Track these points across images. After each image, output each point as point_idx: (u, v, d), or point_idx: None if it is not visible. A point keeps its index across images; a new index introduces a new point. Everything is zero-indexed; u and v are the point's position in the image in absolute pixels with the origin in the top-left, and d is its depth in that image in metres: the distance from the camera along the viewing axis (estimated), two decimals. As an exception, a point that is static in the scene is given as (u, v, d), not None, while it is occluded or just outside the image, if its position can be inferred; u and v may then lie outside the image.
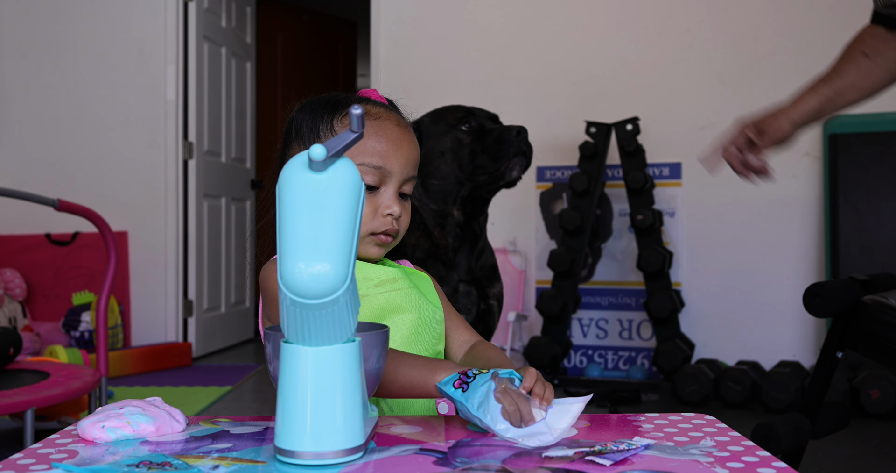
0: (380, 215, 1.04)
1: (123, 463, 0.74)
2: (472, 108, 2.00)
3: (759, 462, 0.74)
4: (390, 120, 1.06)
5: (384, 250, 1.07)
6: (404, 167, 1.06)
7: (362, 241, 1.05)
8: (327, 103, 1.09)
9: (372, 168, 1.03)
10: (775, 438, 1.77)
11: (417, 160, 1.09)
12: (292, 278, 0.69)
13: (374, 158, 1.03)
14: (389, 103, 1.13)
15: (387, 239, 1.06)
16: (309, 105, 1.10)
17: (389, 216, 1.04)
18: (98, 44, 4.42)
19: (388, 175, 1.04)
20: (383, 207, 1.04)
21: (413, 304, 1.05)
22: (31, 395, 2.09)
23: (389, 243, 1.07)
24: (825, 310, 1.78)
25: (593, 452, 0.76)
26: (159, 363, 4.07)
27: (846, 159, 3.52)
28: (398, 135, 1.06)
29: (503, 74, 4.06)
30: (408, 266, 1.16)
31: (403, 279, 1.07)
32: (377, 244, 1.06)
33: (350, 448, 0.74)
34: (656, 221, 3.53)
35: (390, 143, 1.04)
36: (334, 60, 6.35)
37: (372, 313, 1.02)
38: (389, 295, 1.04)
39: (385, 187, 1.05)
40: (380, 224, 1.04)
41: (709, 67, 3.82)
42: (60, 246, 4.32)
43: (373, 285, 1.04)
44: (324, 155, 0.70)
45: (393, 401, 1.03)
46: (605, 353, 3.84)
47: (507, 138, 1.89)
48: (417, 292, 1.07)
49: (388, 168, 1.04)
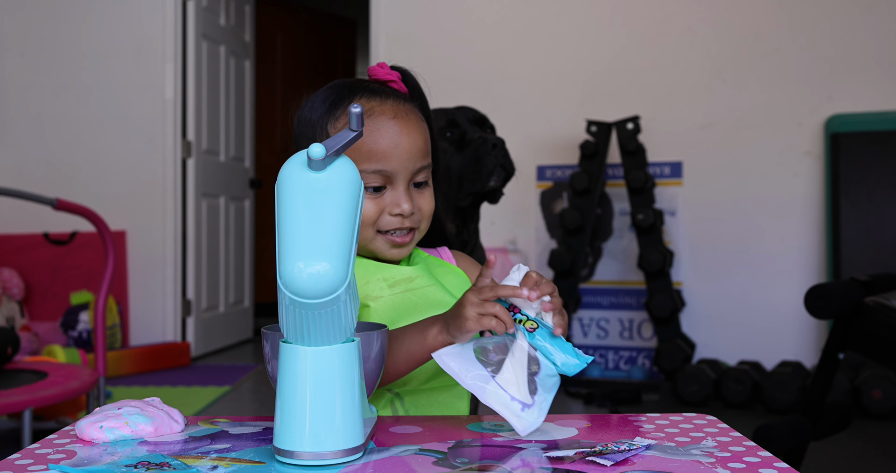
0: (387, 214, 1.01)
1: (122, 464, 0.73)
2: (456, 110, 1.93)
3: (760, 462, 0.74)
4: (385, 114, 1.01)
5: (403, 250, 1.04)
6: (408, 163, 1.01)
7: (374, 242, 1.03)
8: (324, 101, 1.06)
9: (372, 173, 1.00)
10: (777, 439, 1.76)
11: (425, 146, 1.04)
12: (291, 277, 0.69)
13: (371, 162, 1.00)
14: (402, 74, 1.08)
15: (403, 239, 1.03)
16: (309, 102, 1.08)
17: (399, 216, 1.01)
18: (96, 42, 4.41)
19: (392, 176, 1.01)
20: (391, 206, 1.01)
21: (430, 303, 1.01)
22: (28, 395, 2.09)
23: (408, 243, 1.04)
24: (826, 311, 1.78)
25: (594, 452, 0.76)
26: (158, 362, 4.06)
27: (848, 159, 3.52)
28: (396, 130, 1.01)
29: (503, 72, 4.05)
30: (441, 255, 1.13)
31: (422, 278, 1.03)
32: (393, 246, 1.03)
33: (349, 448, 0.73)
34: (657, 220, 3.53)
35: (388, 141, 1.00)
36: (333, 59, 6.35)
37: (387, 314, 1.00)
38: (405, 295, 1.01)
39: (392, 186, 1.02)
40: (387, 223, 1.01)
41: (710, 65, 3.81)
42: (58, 245, 4.32)
43: (387, 285, 1.02)
44: (323, 154, 0.69)
45: (410, 403, 1.02)
46: (606, 353, 3.84)
47: (483, 154, 1.85)
48: (438, 289, 1.04)
49: (390, 169, 1.00)
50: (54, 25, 4.43)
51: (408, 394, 1.02)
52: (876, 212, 3.49)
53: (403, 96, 1.06)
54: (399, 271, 1.04)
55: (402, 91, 1.07)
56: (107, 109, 4.41)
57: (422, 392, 1.02)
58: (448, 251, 1.16)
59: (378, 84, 1.07)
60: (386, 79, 1.07)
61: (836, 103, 3.64)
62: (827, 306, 1.77)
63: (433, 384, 1.02)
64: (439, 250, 1.16)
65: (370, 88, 1.05)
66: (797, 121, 3.70)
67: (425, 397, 1.02)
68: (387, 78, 1.07)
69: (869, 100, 3.60)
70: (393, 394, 1.01)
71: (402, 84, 1.08)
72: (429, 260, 1.11)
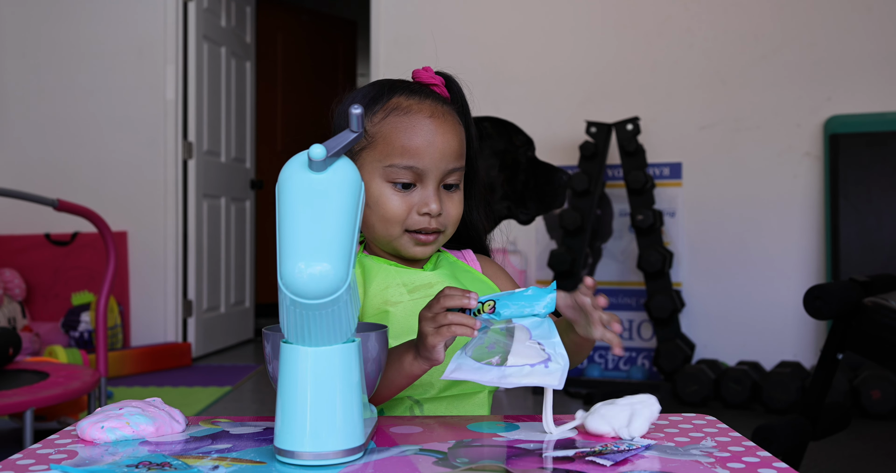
0: (415, 212, 1.01)
1: (123, 464, 0.74)
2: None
3: (759, 462, 0.74)
4: (422, 112, 1.02)
5: (427, 249, 1.03)
6: (440, 162, 1.01)
7: (400, 239, 1.02)
8: (364, 96, 1.06)
9: (403, 169, 1.00)
10: (776, 439, 1.77)
11: (460, 148, 1.04)
12: (292, 278, 0.69)
13: (404, 157, 1.00)
14: (446, 79, 1.08)
15: (427, 238, 1.02)
16: (350, 97, 1.08)
17: (426, 215, 1.01)
18: (98, 44, 4.41)
19: (423, 173, 1.01)
20: (419, 205, 1.01)
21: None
22: (30, 395, 2.09)
23: (433, 242, 1.03)
24: (825, 312, 1.78)
25: (594, 452, 0.76)
26: (159, 363, 4.06)
27: (847, 159, 3.52)
28: (431, 129, 1.01)
29: (503, 73, 4.06)
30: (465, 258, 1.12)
31: (441, 283, 1.02)
32: (417, 244, 1.02)
33: (350, 448, 0.74)
34: (656, 221, 3.53)
35: (422, 139, 1.00)
36: (334, 60, 6.35)
37: (406, 320, 0.99)
38: (424, 301, 0.99)
39: (422, 184, 1.01)
40: (414, 222, 1.01)
41: (709, 66, 3.82)
42: (60, 246, 4.32)
43: (407, 291, 1.01)
44: (323, 155, 0.70)
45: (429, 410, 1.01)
46: (606, 353, 3.84)
47: (559, 185, 1.89)
48: None
49: (421, 167, 1.00)
50: (55, 27, 4.43)
51: (427, 402, 1.01)
52: (875, 213, 3.49)
53: (443, 99, 1.06)
54: (419, 276, 1.03)
55: (444, 95, 1.07)
56: (108, 110, 4.41)
57: (442, 400, 1.02)
58: (472, 254, 1.15)
59: (419, 85, 1.07)
60: (429, 82, 1.07)
61: (836, 104, 3.64)
62: (826, 306, 1.77)
63: (454, 391, 1.01)
64: (463, 253, 1.15)
65: (410, 88, 1.05)
66: (796, 122, 3.71)
67: (445, 404, 1.02)
68: (430, 81, 1.07)
69: (868, 101, 3.60)
70: (413, 401, 1.01)
71: (444, 89, 1.08)
72: (456, 265, 1.10)
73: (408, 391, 0.99)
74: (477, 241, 1.15)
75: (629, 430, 0.81)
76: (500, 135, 1.95)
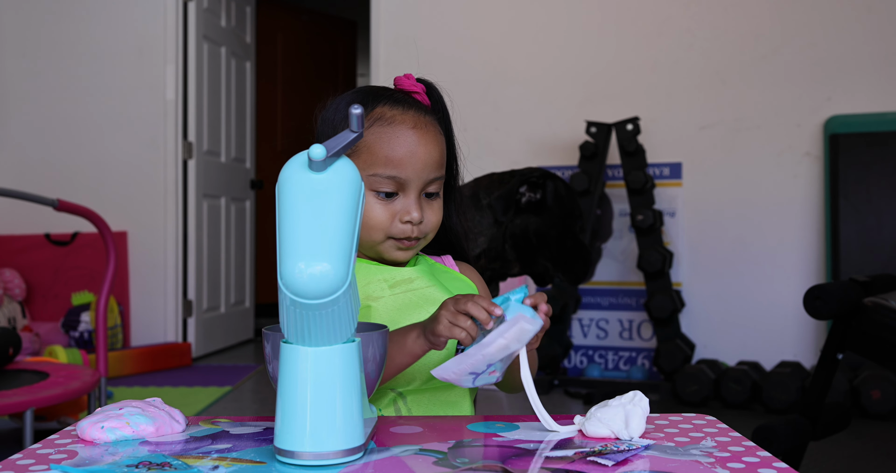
0: (398, 220, 1.04)
1: (123, 464, 0.74)
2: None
3: (759, 462, 0.74)
4: (405, 123, 1.04)
5: (410, 253, 1.07)
6: (422, 172, 1.04)
7: (384, 245, 1.05)
8: (348, 104, 1.08)
9: (386, 178, 1.02)
10: (776, 439, 1.77)
11: (441, 158, 1.07)
12: (292, 278, 0.69)
13: (387, 167, 1.02)
14: (427, 87, 1.10)
15: (409, 243, 1.05)
16: (334, 104, 1.10)
17: (408, 223, 1.04)
18: (97, 44, 4.41)
19: (405, 183, 1.03)
20: (402, 213, 1.04)
21: (430, 302, 1.04)
22: (30, 395, 2.09)
23: (414, 246, 1.06)
24: (825, 312, 1.78)
25: (594, 452, 0.76)
26: (159, 363, 4.06)
27: (847, 159, 3.52)
28: (414, 140, 1.03)
29: (503, 73, 4.06)
30: (444, 263, 1.15)
31: (421, 278, 1.06)
32: (399, 249, 1.06)
33: (350, 448, 0.74)
34: (657, 221, 3.53)
35: (404, 149, 1.03)
36: (334, 60, 6.35)
37: (388, 314, 1.02)
38: (405, 296, 1.04)
39: (403, 193, 1.04)
40: (398, 231, 1.04)
41: (709, 66, 3.81)
42: (60, 246, 4.32)
43: (388, 286, 1.04)
44: (323, 155, 0.70)
45: (413, 402, 1.03)
46: (606, 353, 3.84)
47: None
48: (438, 289, 1.06)
49: (404, 177, 1.03)
50: (56, 27, 4.44)
51: (411, 394, 1.03)
52: (875, 213, 3.49)
53: (425, 108, 1.08)
54: (399, 272, 1.06)
55: (425, 103, 1.09)
56: (108, 110, 4.41)
57: (424, 392, 1.04)
58: (451, 260, 1.18)
59: (402, 94, 1.09)
60: (410, 90, 1.09)
61: (835, 104, 3.64)
62: (826, 306, 1.77)
63: (436, 383, 1.03)
64: (443, 258, 1.18)
65: (394, 97, 1.07)
66: (796, 122, 3.71)
67: (428, 396, 1.04)
68: (411, 89, 1.09)
69: (868, 101, 3.60)
70: (396, 394, 1.03)
71: (425, 96, 1.10)
72: (435, 266, 1.13)
73: (391, 383, 1.01)
74: (456, 246, 1.19)
75: (628, 431, 0.82)
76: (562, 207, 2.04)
